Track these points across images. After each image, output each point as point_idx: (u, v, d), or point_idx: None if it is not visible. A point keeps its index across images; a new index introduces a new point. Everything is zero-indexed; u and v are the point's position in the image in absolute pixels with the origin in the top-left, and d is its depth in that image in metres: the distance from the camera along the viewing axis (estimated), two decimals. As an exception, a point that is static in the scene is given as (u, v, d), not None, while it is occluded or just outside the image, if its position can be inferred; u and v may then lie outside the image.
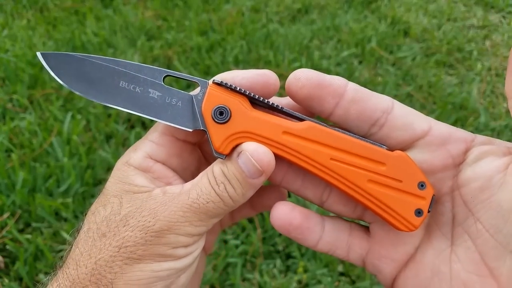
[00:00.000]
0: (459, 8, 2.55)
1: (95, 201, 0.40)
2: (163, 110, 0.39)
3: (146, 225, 0.36)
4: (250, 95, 0.38)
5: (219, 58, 2.00)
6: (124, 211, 0.37)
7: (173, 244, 0.36)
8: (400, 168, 0.36)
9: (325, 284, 1.19)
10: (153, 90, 0.39)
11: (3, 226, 1.29)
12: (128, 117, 1.69)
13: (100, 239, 0.36)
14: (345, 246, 0.40)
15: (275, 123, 0.37)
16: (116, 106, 0.39)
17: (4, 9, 2.37)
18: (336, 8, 2.50)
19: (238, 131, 0.37)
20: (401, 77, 1.98)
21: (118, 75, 0.39)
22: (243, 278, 1.21)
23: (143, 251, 0.36)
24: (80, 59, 0.39)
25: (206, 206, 0.36)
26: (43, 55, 0.39)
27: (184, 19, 2.33)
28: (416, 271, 0.37)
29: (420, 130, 0.36)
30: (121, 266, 0.35)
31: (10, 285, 1.15)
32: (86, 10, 2.36)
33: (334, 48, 2.16)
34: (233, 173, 0.37)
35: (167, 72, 0.39)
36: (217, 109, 0.37)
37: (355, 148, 0.37)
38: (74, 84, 0.39)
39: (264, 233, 1.31)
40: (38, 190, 1.38)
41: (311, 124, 0.38)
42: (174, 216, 0.36)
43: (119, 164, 0.40)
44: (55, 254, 1.24)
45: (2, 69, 1.88)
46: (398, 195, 0.37)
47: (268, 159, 0.36)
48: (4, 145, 1.52)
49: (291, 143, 0.37)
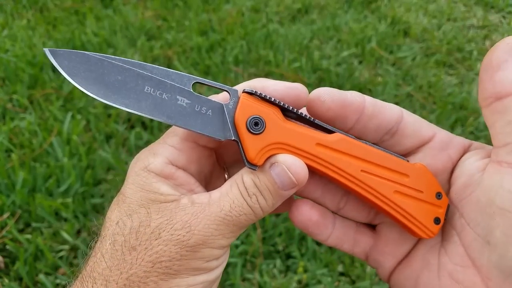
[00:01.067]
0: (459, 8, 2.55)
1: (113, 209, 0.38)
2: (192, 119, 0.37)
3: (181, 239, 0.35)
4: (284, 105, 0.38)
5: (219, 58, 2.00)
6: (154, 223, 0.36)
7: (208, 258, 0.36)
8: (421, 179, 0.38)
9: (325, 284, 1.19)
10: (181, 97, 0.37)
11: (3, 226, 1.29)
12: (128, 117, 1.69)
13: (130, 253, 0.35)
14: (351, 241, 0.43)
15: (309, 135, 0.38)
16: (141, 113, 0.36)
17: (4, 9, 2.37)
18: (336, 8, 2.50)
19: (272, 142, 0.37)
20: (401, 77, 1.98)
21: (142, 80, 0.37)
22: (243, 278, 1.21)
23: (179, 266, 0.35)
24: (98, 59, 0.36)
25: (238, 219, 0.36)
26: (52, 53, 0.36)
27: (184, 19, 2.33)
28: (409, 264, 0.41)
29: (427, 137, 0.39)
30: (156, 282, 0.35)
31: (10, 285, 1.15)
32: (86, 10, 2.36)
33: (334, 48, 2.16)
34: (265, 184, 0.37)
35: (196, 79, 0.38)
36: (252, 120, 0.37)
37: (382, 160, 0.38)
38: (91, 87, 0.36)
39: (264, 233, 1.31)
40: (38, 190, 1.38)
41: (343, 137, 0.38)
42: (208, 229, 0.36)
43: (137, 169, 0.38)
44: (55, 254, 1.24)
45: (2, 69, 1.88)
46: (420, 205, 0.39)
47: (304, 173, 0.37)
48: (4, 145, 1.52)
49: (324, 155, 0.38)
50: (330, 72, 1.91)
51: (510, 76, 0.32)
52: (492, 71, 0.33)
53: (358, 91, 0.39)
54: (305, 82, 1.86)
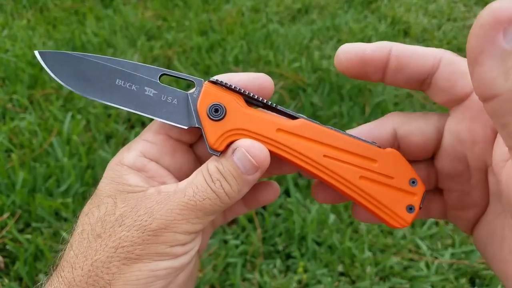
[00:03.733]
0: (459, 8, 2.55)
1: (88, 202, 0.40)
2: (158, 108, 0.39)
3: (142, 224, 0.36)
4: (244, 93, 0.39)
5: (219, 58, 2.00)
6: (119, 211, 0.37)
7: (171, 243, 0.36)
8: (392, 165, 0.37)
9: (325, 284, 1.19)
10: (149, 88, 0.39)
11: (3, 226, 1.29)
12: (128, 117, 1.69)
13: (96, 240, 0.36)
14: (423, 211, 0.41)
15: (269, 120, 0.38)
16: (112, 104, 0.39)
17: (4, 9, 2.37)
18: (336, 8, 2.50)
19: (233, 128, 0.38)
20: (401, 77, 1.98)
21: (114, 73, 0.40)
22: (243, 278, 1.21)
23: (141, 251, 0.35)
24: (77, 57, 0.40)
25: (202, 203, 0.36)
26: (41, 54, 0.40)
27: (184, 19, 2.33)
28: (482, 227, 0.37)
29: (462, 94, 0.34)
30: (118, 267, 0.35)
31: (10, 285, 1.15)
32: (86, 10, 2.36)
33: (334, 48, 2.16)
34: (228, 170, 0.37)
35: (163, 71, 0.40)
36: (212, 106, 0.38)
37: (347, 145, 0.38)
38: (71, 82, 0.40)
39: (264, 233, 1.31)
40: (38, 190, 1.38)
41: (305, 122, 0.38)
42: (171, 214, 0.36)
43: (112, 164, 0.40)
44: (55, 254, 1.24)
45: (2, 69, 1.88)
46: (390, 192, 0.37)
47: (264, 155, 0.37)
48: (4, 145, 1.52)
49: (285, 140, 0.38)
50: (330, 72, 1.91)
51: (489, 73, 0.25)
52: (471, 66, 0.27)
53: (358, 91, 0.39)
54: (305, 82, 1.86)
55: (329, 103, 1.74)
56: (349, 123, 1.65)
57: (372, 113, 1.71)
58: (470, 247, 1.28)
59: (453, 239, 1.31)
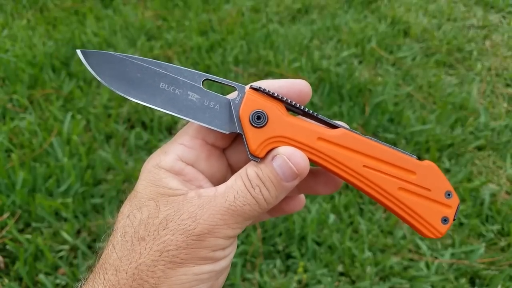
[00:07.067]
0: (459, 8, 2.55)
1: (126, 204, 0.40)
2: (201, 113, 0.40)
3: (186, 228, 0.36)
4: (286, 101, 0.39)
5: (219, 58, 2.00)
6: (162, 214, 0.37)
7: (213, 247, 0.37)
8: (429, 177, 0.38)
9: (325, 284, 1.19)
10: (192, 93, 0.40)
11: (3, 226, 1.28)
12: (128, 117, 1.69)
13: (139, 243, 0.36)
14: None
15: (311, 129, 0.39)
16: (155, 107, 0.40)
17: (4, 9, 2.37)
18: (336, 8, 2.50)
19: (274, 135, 0.38)
20: (401, 77, 1.98)
21: (158, 77, 0.40)
22: (243, 278, 1.21)
23: (186, 255, 0.36)
24: (121, 59, 0.40)
25: (243, 209, 0.37)
26: (83, 53, 0.40)
27: (184, 19, 2.33)
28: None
29: None
30: (164, 271, 0.36)
31: (10, 285, 1.15)
32: (86, 10, 2.36)
33: (334, 48, 2.16)
34: (267, 176, 0.38)
35: (206, 76, 0.40)
36: (254, 114, 0.39)
37: (387, 156, 0.38)
38: (114, 84, 0.40)
39: (264, 233, 1.31)
40: (38, 190, 1.38)
41: (345, 132, 0.39)
42: (213, 219, 0.36)
43: (149, 166, 0.40)
44: (55, 254, 1.24)
45: (2, 69, 1.88)
46: (427, 203, 0.38)
47: (305, 163, 0.37)
48: (4, 145, 1.52)
49: (325, 149, 0.38)
50: (330, 72, 1.91)
51: None
52: None
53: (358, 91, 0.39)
54: (305, 82, 1.86)
55: (329, 103, 1.74)
56: (349, 123, 1.65)
57: (372, 113, 1.71)
58: (470, 247, 1.28)
59: (453, 239, 1.31)
